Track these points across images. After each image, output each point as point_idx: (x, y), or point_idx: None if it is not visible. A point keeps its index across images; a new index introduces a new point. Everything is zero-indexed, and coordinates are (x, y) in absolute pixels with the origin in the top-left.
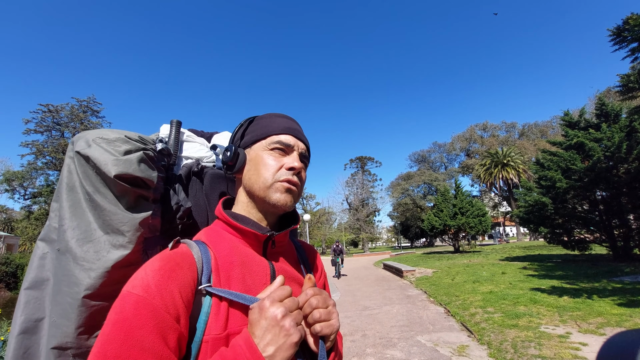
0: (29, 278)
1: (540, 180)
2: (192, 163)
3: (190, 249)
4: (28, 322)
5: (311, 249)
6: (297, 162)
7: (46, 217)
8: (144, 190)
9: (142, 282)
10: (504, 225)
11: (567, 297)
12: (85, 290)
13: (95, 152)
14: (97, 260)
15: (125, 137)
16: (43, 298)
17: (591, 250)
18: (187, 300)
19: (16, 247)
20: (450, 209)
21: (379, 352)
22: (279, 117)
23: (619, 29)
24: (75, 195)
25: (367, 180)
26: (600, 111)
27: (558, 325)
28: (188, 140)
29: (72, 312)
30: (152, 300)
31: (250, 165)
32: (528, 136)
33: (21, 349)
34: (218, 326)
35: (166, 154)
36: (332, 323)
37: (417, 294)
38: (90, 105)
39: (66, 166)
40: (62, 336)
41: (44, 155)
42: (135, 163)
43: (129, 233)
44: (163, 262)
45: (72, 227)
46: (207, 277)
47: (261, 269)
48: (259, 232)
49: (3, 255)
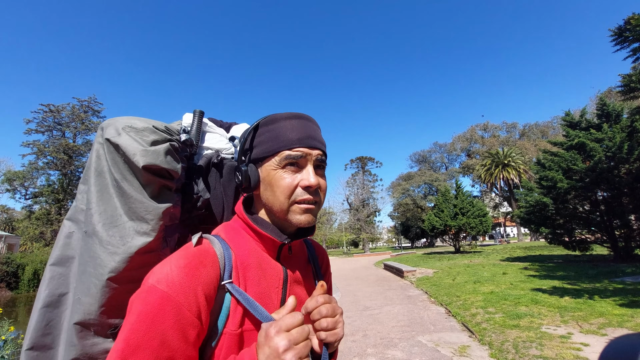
0: (55, 255)
1: (541, 181)
2: (212, 154)
3: (213, 247)
4: (52, 297)
5: (320, 247)
6: (312, 178)
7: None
8: (168, 181)
9: (167, 278)
10: (504, 226)
11: (569, 297)
12: (110, 272)
13: (124, 141)
14: (122, 245)
15: (152, 127)
16: (67, 275)
17: (592, 251)
18: (209, 297)
19: (17, 247)
20: (450, 209)
21: (380, 352)
22: (287, 120)
23: (620, 29)
24: (103, 180)
25: (368, 180)
26: (602, 111)
27: (559, 326)
28: (209, 130)
29: (96, 292)
30: (175, 297)
31: (264, 185)
32: (529, 136)
33: (43, 321)
34: (234, 324)
35: (189, 145)
36: (337, 332)
37: (418, 294)
38: (91, 105)
39: (95, 151)
40: (86, 313)
41: (45, 155)
42: (162, 155)
43: (153, 222)
44: (188, 259)
45: (99, 212)
46: (229, 274)
47: (275, 273)
48: (277, 239)
49: (4, 255)
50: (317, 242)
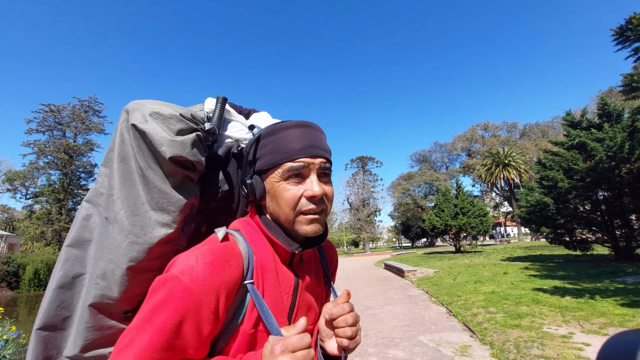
0: (71, 236)
1: (541, 180)
2: (232, 143)
3: (238, 245)
4: (66, 278)
5: (330, 246)
6: (316, 187)
7: (48, 217)
8: (191, 172)
9: (192, 271)
10: (505, 226)
11: (570, 297)
12: (129, 262)
13: (151, 128)
14: (144, 235)
15: (180, 115)
16: (83, 257)
17: (593, 251)
18: (229, 296)
19: (17, 247)
20: (451, 209)
21: (381, 352)
22: (288, 130)
23: (621, 29)
24: (127, 166)
25: (368, 180)
26: (603, 111)
27: (561, 326)
28: (231, 118)
29: (113, 278)
30: (197, 292)
31: (269, 197)
32: (529, 136)
33: (56, 301)
34: (249, 323)
35: (212, 134)
36: (357, 340)
37: (419, 294)
38: (92, 105)
39: (119, 135)
40: (103, 297)
41: (46, 155)
42: (189, 146)
43: (175, 213)
44: (215, 256)
45: (122, 199)
46: (251, 274)
47: (287, 279)
48: (288, 247)
49: (5, 254)
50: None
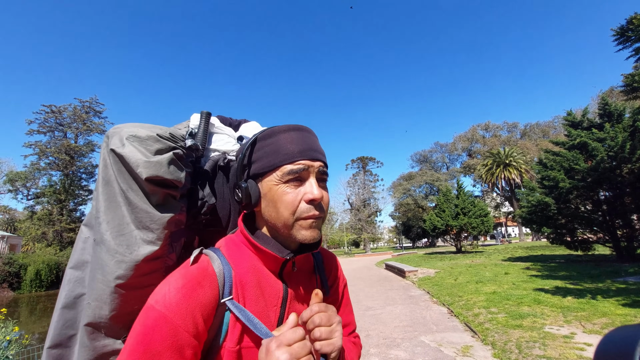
0: (73, 259)
1: (542, 181)
2: (218, 156)
3: (212, 264)
4: (69, 298)
5: (329, 256)
6: (316, 190)
7: (49, 218)
8: (172, 190)
9: (165, 299)
10: (506, 226)
11: (571, 297)
12: (117, 279)
13: (128, 152)
14: (129, 253)
15: (156, 136)
16: (84, 278)
17: (594, 251)
18: (206, 317)
19: (19, 247)
20: (452, 209)
21: (382, 352)
22: (285, 133)
23: (622, 29)
24: (110, 189)
25: (369, 180)
26: (604, 111)
27: (562, 326)
28: (216, 132)
29: (105, 297)
30: (172, 318)
31: (266, 202)
32: (530, 136)
33: (61, 321)
34: (232, 340)
35: (194, 150)
36: (333, 342)
37: (420, 294)
38: (93, 106)
39: (102, 159)
40: (96, 317)
41: (47, 156)
42: (165, 165)
43: (158, 231)
44: (185, 279)
45: (107, 220)
46: (229, 290)
47: (274, 291)
48: (279, 255)
49: (6, 255)
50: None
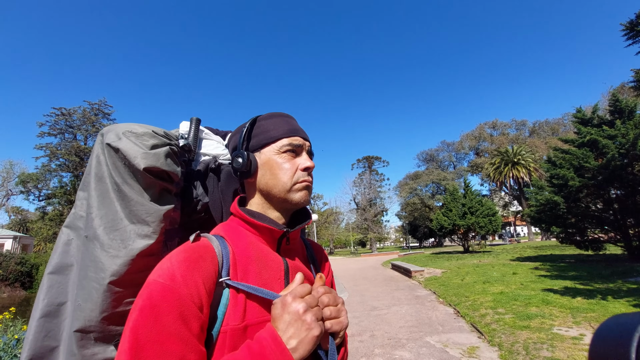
0: (53, 263)
1: (552, 179)
2: (209, 160)
3: (211, 243)
4: (50, 306)
5: (319, 248)
6: (309, 162)
7: (60, 218)
8: (168, 184)
9: (168, 271)
10: (514, 225)
11: (581, 298)
12: (111, 276)
13: (125, 144)
14: (123, 248)
15: (152, 132)
16: (66, 283)
17: (605, 250)
18: (209, 290)
19: (31, 247)
20: (459, 208)
21: (387, 353)
22: (281, 117)
23: (632, 24)
24: (103, 185)
25: (375, 179)
26: (614, 107)
27: (571, 327)
28: (206, 137)
29: (97, 297)
30: (178, 288)
31: (264, 170)
32: (539, 134)
33: (42, 332)
34: (236, 317)
35: (187, 150)
36: (341, 320)
37: (426, 294)
38: (102, 108)
39: (95, 157)
40: (86, 320)
41: (58, 158)
42: (163, 157)
43: (154, 224)
44: (187, 253)
45: (100, 216)
46: (226, 270)
47: (276, 264)
48: (276, 228)
49: (19, 255)
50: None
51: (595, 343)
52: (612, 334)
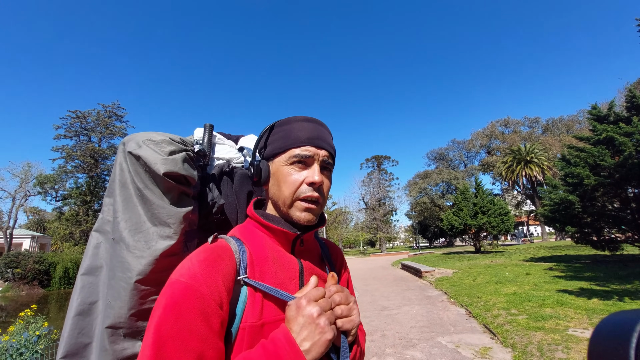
0: (85, 265)
1: (566, 178)
2: (223, 163)
3: (228, 244)
4: (83, 305)
5: (334, 246)
6: (317, 176)
7: (76, 218)
8: (186, 187)
9: (189, 271)
10: (527, 225)
11: (597, 299)
12: (137, 275)
13: (145, 152)
14: (147, 249)
15: (169, 139)
16: (97, 283)
17: (623, 251)
18: (228, 288)
19: (48, 247)
20: (470, 208)
21: (398, 353)
22: (299, 122)
23: None
24: (127, 190)
25: (384, 179)
26: (631, 104)
27: (587, 329)
28: (219, 142)
29: (125, 295)
30: (199, 287)
31: (273, 180)
32: (552, 131)
33: (76, 329)
34: (254, 315)
35: (202, 155)
36: (352, 319)
37: (437, 294)
38: (115, 111)
39: (118, 165)
40: (116, 317)
41: (73, 159)
42: (180, 162)
43: (175, 225)
44: (207, 253)
45: (125, 219)
46: (244, 269)
47: (291, 265)
48: (289, 230)
49: (37, 254)
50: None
51: (594, 341)
52: (611, 331)
